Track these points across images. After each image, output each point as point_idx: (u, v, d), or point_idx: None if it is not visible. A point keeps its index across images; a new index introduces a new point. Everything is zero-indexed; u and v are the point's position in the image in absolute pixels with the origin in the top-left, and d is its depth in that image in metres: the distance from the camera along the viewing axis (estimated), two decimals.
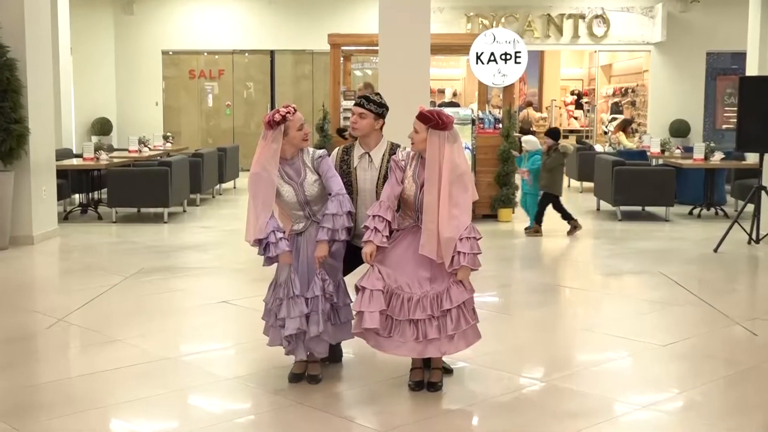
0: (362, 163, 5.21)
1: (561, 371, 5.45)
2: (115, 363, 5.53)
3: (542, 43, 19.55)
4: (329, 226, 4.89)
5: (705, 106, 19.62)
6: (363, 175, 5.21)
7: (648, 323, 6.74)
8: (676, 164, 12.66)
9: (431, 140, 4.76)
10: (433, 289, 4.82)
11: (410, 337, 4.80)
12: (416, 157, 4.92)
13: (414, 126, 4.85)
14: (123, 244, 10.27)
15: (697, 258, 9.43)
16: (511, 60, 11.89)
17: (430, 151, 4.75)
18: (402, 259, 4.90)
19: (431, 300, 4.80)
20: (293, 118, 4.92)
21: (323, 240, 4.92)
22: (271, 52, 20.00)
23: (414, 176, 4.88)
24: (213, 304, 7.20)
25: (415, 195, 4.86)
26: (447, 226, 4.71)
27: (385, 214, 4.86)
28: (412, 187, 4.87)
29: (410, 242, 4.91)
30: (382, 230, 4.84)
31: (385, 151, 5.21)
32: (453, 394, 4.99)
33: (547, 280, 8.48)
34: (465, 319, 4.82)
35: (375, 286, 4.78)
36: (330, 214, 4.90)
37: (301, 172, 5.00)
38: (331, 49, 12.52)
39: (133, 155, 13.77)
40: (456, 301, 4.77)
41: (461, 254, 4.72)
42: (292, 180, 4.98)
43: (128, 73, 19.66)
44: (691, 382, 5.25)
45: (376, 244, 4.84)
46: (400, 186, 4.91)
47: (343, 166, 5.25)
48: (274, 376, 5.26)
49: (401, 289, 4.83)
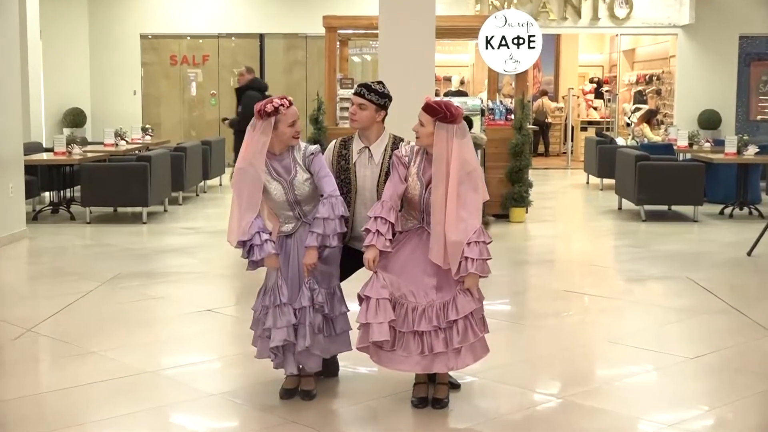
0: (362, 159, 5.17)
1: (579, 386, 5.46)
2: (89, 377, 5.52)
3: (558, 25, 19.55)
4: (319, 231, 4.85)
5: (737, 95, 19.62)
6: (362, 172, 5.17)
7: (675, 334, 6.74)
8: (706, 159, 12.66)
9: (438, 134, 4.73)
10: (439, 298, 4.79)
11: (415, 350, 4.77)
12: (421, 153, 4.90)
13: (419, 118, 4.82)
14: (98, 247, 10.27)
15: (729, 262, 9.43)
16: (525, 45, 11.90)
17: (437, 146, 4.73)
18: (406, 265, 4.88)
19: (437, 310, 4.77)
20: (286, 111, 4.89)
21: (312, 246, 4.88)
22: (261, 36, 20.00)
23: (419, 173, 4.86)
24: (197, 313, 7.20)
25: (420, 194, 4.84)
26: (454, 230, 4.69)
27: (387, 215, 4.81)
28: (417, 186, 4.85)
29: (415, 246, 4.90)
30: (384, 233, 4.79)
31: (387, 146, 5.18)
32: (460, 411, 4.99)
33: (564, 286, 8.48)
34: (473, 332, 4.79)
35: (381, 294, 4.74)
36: (321, 218, 4.85)
37: (290, 169, 4.97)
38: (327, 32, 12.53)
39: (109, 149, 13.78)
40: (463, 311, 4.74)
41: (469, 260, 4.68)
42: (280, 177, 4.95)
43: (103, 59, 19.66)
44: (722, 399, 5.25)
45: (379, 249, 4.81)
46: (404, 184, 4.87)
47: (341, 161, 5.21)
48: (263, 392, 5.26)
49: (405, 298, 4.81)
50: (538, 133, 21.49)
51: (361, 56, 19.31)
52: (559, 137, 23.03)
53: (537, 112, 21.85)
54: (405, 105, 6.21)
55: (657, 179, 12.04)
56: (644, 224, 11.85)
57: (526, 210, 12.05)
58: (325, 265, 5.04)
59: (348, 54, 15.24)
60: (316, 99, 12.12)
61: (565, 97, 22.15)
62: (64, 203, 12.59)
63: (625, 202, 12.98)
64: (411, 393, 5.08)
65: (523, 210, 12.00)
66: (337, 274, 5.16)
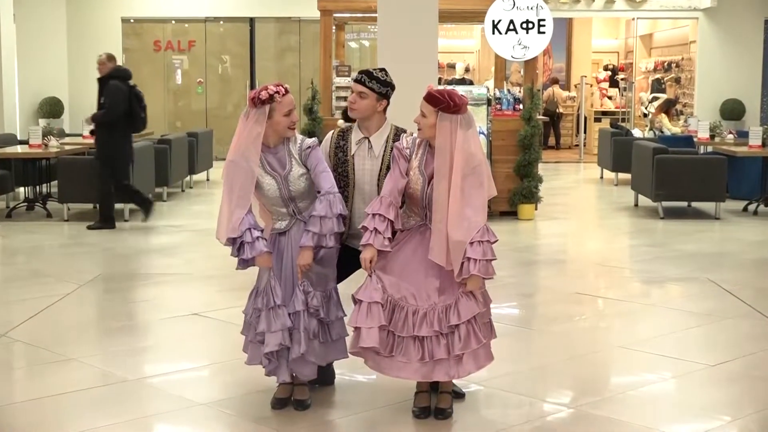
0: (361, 150, 5.19)
1: (592, 396, 5.47)
2: (68, 386, 5.53)
3: (570, 9, 19.56)
4: (315, 230, 4.84)
5: (763, 84, 19.63)
6: (361, 165, 5.19)
7: (695, 339, 6.76)
8: (729, 152, 12.68)
9: (441, 125, 4.72)
10: (441, 302, 4.79)
11: (415, 357, 4.78)
12: (423, 145, 4.90)
13: (421, 109, 4.81)
14: (76, 246, 10.28)
15: (753, 263, 9.44)
16: (534, 29, 11.91)
17: (439, 138, 4.73)
18: (407, 266, 4.88)
19: (439, 314, 4.77)
20: (281, 99, 4.88)
21: (308, 246, 4.86)
22: (251, 20, 20.01)
23: (420, 167, 4.85)
24: (182, 317, 7.21)
25: (423, 189, 4.83)
26: (457, 228, 4.69)
27: (386, 212, 4.80)
28: (419, 180, 4.84)
29: (417, 245, 4.90)
30: (383, 231, 4.78)
31: (388, 137, 5.20)
32: (465, 422, 5.01)
33: (576, 288, 8.49)
34: (476, 338, 4.79)
35: (372, 298, 4.76)
36: (317, 216, 4.84)
37: (285, 163, 4.97)
38: (322, 16, 12.53)
39: (88, 142, 13.76)
40: (465, 315, 4.74)
41: (471, 261, 4.67)
42: (275, 171, 4.95)
43: (82, 45, 19.64)
44: (746, 409, 5.27)
45: (377, 248, 4.80)
46: (404, 179, 4.87)
47: (339, 153, 5.23)
48: (254, 402, 5.27)
49: (405, 301, 4.81)
50: (548, 124, 21.50)
51: (359, 42, 19.31)
52: (571, 129, 23.05)
53: (547, 101, 21.87)
54: (405, 94, 6.10)
55: (676, 174, 12.05)
56: (662, 222, 11.86)
57: (535, 207, 12.06)
58: (321, 267, 5.03)
59: (345, 39, 15.25)
60: (311, 88, 12.13)
61: (578, 86, 22.15)
62: (40, 199, 12.59)
63: (642, 199, 12.99)
64: (412, 403, 5.08)
65: (532, 207, 12.01)
66: (334, 276, 5.15)
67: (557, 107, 22.47)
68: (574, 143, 22.39)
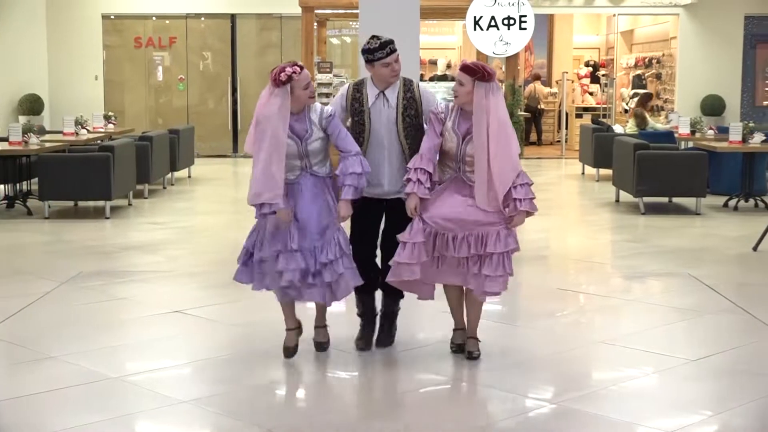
0: (377, 103, 5.89)
1: (575, 391, 5.48)
2: (48, 384, 5.51)
3: (552, 5, 19.59)
4: (355, 184, 5.65)
5: (743, 80, 19.73)
6: (378, 115, 5.87)
7: (676, 334, 6.78)
8: (709, 148, 12.72)
9: (477, 92, 5.60)
10: (477, 231, 5.65)
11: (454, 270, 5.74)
12: (456, 109, 5.77)
13: (459, 79, 5.68)
14: (57, 243, 10.24)
15: (734, 258, 9.48)
16: (515, 25, 11.92)
17: (477, 101, 5.59)
18: (446, 205, 5.71)
19: (476, 240, 5.65)
20: (299, 78, 5.59)
21: (349, 199, 5.67)
22: (232, 17, 19.96)
23: (454, 127, 5.72)
24: (164, 315, 7.19)
25: (458, 146, 5.70)
26: (498, 179, 5.59)
27: (426, 166, 5.66)
28: (453, 138, 5.71)
29: (453, 191, 5.75)
30: (424, 182, 5.64)
31: (399, 89, 5.90)
32: (448, 417, 5.01)
33: (558, 284, 8.51)
34: (503, 267, 5.69)
35: (417, 239, 5.62)
36: (355, 174, 5.64)
37: (307, 128, 5.71)
38: (303, 12, 12.52)
39: (69, 139, 13.72)
40: (504, 246, 5.66)
41: (518, 201, 5.63)
42: (296, 135, 5.67)
43: (62, 41, 19.57)
44: (728, 403, 5.29)
45: (420, 196, 5.63)
46: (439, 138, 5.73)
47: (355, 104, 5.93)
48: (236, 398, 5.27)
49: (446, 230, 5.67)
50: (530, 120, 21.52)
51: (341, 38, 19.29)
52: (552, 125, 23.07)
53: (529, 97, 21.89)
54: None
55: (657, 169, 12.08)
56: (643, 218, 11.90)
57: None
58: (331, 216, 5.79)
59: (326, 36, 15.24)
60: None
61: (559, 82, 22.19)
62: (21, 197, 12.53)
63: (623, 194, 13.03)
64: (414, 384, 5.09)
65: None
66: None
67: (539, 103, 22.49)
68: (556, 139, 22.42)
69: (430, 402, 5.30)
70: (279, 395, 5.63)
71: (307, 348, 6.22)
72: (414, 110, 5.89)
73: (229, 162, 19.47)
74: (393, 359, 6.07)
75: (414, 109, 5.89)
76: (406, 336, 6.34)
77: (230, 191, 15.77)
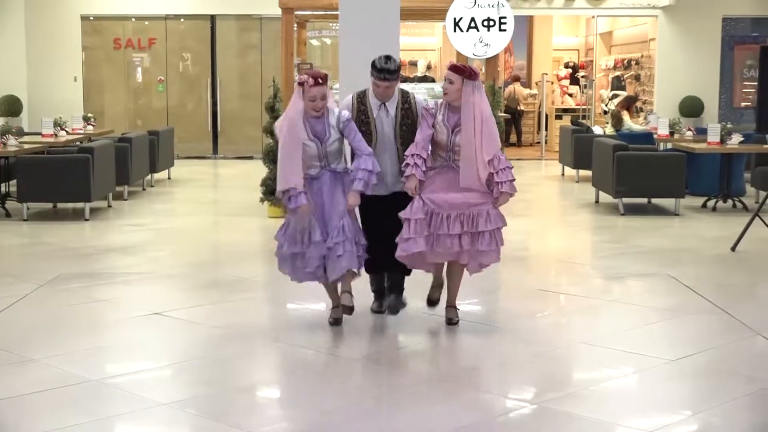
0: (380, 114, 6.65)
1: (554, 391, 5.49)
2: (28, 387, 5.49)
3: (531, 6, 19.62)
4: (365, 178, 6.33)
5: (721, 81, 19.81)
6: (381, 124, 6.65)
7: (656, 335, 6.81)
8: (688, 149, 12.78)
9: (465, 89, 6.37)
10: (468, 210, 6.39)
11: (448, 247, 6.40)
12: (444, 106, 6.52)
13: (448, 78, 6.42)
14: (36, 246, 10.19)
15: (712, 258, 9.53)
16: (495, 27, 11.94)
17: (465, 97, 6.37)
18: (440, 188, 6.45)
19: (467, 218, 6.39)
20: (309, 89, 6.24)
21: (359, 191, 6.35)
22: (212, 18, 19.92)
23: (444, 121, 6.48)
24: (144, 317, 7.17)
25: (447, 137, 6.46)
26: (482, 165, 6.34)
27: (421, 152, 6.44)
28: (444, 131, 6.47)
29: (444, 178, 6.47)
30: (420, 165, 6.41)
31: (398, 101, 6.66)
32: (427, 418, 5.01)
33: (538, 284, 8.53)
34: (495, 241, 6.47)
35: (418, 215, 6.34)
36: (366, 170, 6.33)
37: (326, 131, 6.37)
38: (283, 13, 12.49)
39: (48, 140, 13.66)
40: (494, 224, 6.42)
41: (500, 184, 6.38)
42: (317, 137, 6.35)
43: (41, 42, 19.47)
44: (707, 403, 5.32)
45: (418, 178, 6.38)
46: (431, 130, 6.47)
47: (361, 115, 6.65)
48: (217, 400, 5.26)
49: (441, 209, 6.38)
50: (510, 121, 21.56)
51: (321, 39, 19.27)
52: (532, 126, 23.11)
53: (509, 99, 21.93)
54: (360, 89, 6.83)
55: (636, 170, 12.12)
56: (623, 218, 11.94)
57: None
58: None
59: (306, 37, 15.21)
60: (272, 85, 12.08)
61: (539, 83, 22.24)
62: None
63: (603, 195, 13.07)
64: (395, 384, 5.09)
65: None
66: None
67: (518, 105, 22.54)
68: (536, 140, 22.46)
69: (411, 403, 5.31)
70: (259, 397, 5.63)
71: (287, 350, 6.23)
72: (410, 119, 6.67)
73: (209, 163, 19.42)
74: (373, 360, 6.08)
75: (410, 119, 6.67)
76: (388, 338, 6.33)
77: (210, 193, 15.74)
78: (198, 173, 17.50)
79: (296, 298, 7.63)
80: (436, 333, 6.77)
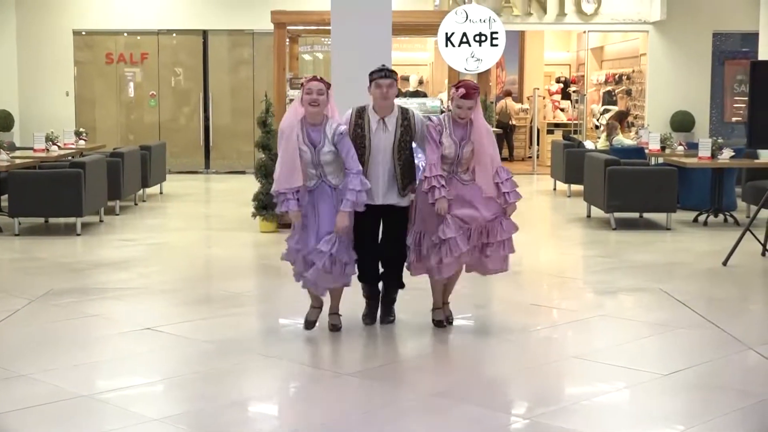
0: (378, 129, 6.70)
1: (547, 406, 5.49)
2: (18, 402, 5.47)
3: (523, 21, 19.68)
4: (353, 199, 6.42)
5: (711, 96, 19.88)
6: (378, 139, 6.69)
7: (648, 349, 6.81)
8: (679, 163, 12.81)
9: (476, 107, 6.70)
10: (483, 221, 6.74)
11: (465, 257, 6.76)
12: (448, 119, 6.75)
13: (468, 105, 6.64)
14: (27, 261, 10.16)
15: (704, 273, 9.54)
16: (487, 42, 11.95)
17: (476, 114, 6.70)
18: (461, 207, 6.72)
19: (483, 230, 6.76)
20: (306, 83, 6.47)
21: (347, 212, 6.45)
22: (204, 33, 19.95)
23: (451, 135, 6.69)
24: (135, 332, 7.15)
25: (456, 150, 6.69)
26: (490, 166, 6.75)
27: (440, 171, 6.64)
28: (452, 145, 6.68)
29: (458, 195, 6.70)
30: (445, 185, 6.62)
31: (397, 117, 6.73)
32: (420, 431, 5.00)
33: (530, 299, 8.53)
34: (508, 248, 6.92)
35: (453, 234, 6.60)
36: (355, 190, 6.42)
37: (320, 140, 6.49)
38: (275, 29, 12.51)
39: (40, 155, 13.64)
40: (507, 234, 6.86)
41: (507, 194, 6.81)
42: (311, 144, 6.49)
43: (32, 57, 19.48)
44: (699, 417, 5.31)
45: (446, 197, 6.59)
46: (440, 147, 6.66)
47: (358, 129, 6.70)
48: (208, 416, 5.24)
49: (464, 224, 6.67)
50: (501, 136, 21.57)
51: (313, 54, 19.30)
52: (524, 140, 23.17)
53: (500, 113, 21.98)
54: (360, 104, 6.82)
55: (628, 185, 12.14)
56: (614, 233, 11.95)
57: None
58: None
59: (298, 52, 15.23)
60: (264, 100, 12.09)
61: (530, 98, 22.29)
62: None
63: (595, 210, 13.09)
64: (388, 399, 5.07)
65: None
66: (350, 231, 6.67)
67: (510, 119, 22.58)
68: (528, 155, 22.51)
69: (403, 417, 5.30)
70: (251, 412, 5.61)
71: (280, 364, 6.21)
72: (409, 136, 6.76)
73: (201, 178, 19.41)
74: (366, 374, 6.07)
75: (409, 135, 6.76)
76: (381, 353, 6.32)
77: (202, 208, 15.72)
78: (190, 188, 17.48)
79: (288, 312, 7.62)
80: (429, 347, 6.77)
